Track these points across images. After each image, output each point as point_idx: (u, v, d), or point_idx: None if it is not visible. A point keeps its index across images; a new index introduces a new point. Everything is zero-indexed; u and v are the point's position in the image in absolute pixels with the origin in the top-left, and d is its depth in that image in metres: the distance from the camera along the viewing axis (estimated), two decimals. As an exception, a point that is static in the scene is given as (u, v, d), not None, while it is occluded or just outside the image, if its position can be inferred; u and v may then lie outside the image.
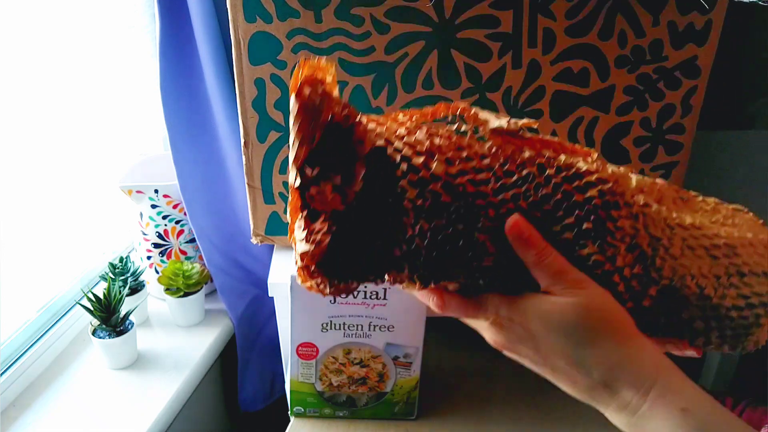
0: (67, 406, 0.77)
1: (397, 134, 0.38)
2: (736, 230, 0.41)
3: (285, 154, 0.73)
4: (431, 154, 0.37)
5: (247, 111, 0.70)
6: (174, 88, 0.81)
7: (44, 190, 0.85)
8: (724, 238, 0.40)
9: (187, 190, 0.86)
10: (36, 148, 0.82)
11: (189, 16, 0.77)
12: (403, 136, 0.38)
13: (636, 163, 0.72)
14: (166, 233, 0.91)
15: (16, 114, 0.78)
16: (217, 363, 0.95)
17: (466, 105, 0.41)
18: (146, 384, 0.81)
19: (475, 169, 0.38)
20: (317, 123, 0.35)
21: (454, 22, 0.65)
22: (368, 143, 0.36)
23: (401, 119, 0.41)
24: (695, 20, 0.64)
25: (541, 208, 0.38)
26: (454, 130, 0.40)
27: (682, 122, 0.70)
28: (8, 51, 0.75)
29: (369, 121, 0.38)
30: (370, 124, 0.38)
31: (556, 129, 0.70)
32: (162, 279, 0.89)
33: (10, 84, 0.76)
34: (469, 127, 0.40)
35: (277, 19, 0.65)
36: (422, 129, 0.39)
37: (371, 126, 0.38)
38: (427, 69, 0.67)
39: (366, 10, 0.64)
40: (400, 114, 0.42)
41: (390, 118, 0.41)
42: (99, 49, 0.88)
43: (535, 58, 0.66)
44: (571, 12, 0.64)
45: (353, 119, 0.36)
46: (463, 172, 0.37)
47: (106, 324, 0.80)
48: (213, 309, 0.97)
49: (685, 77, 0.67)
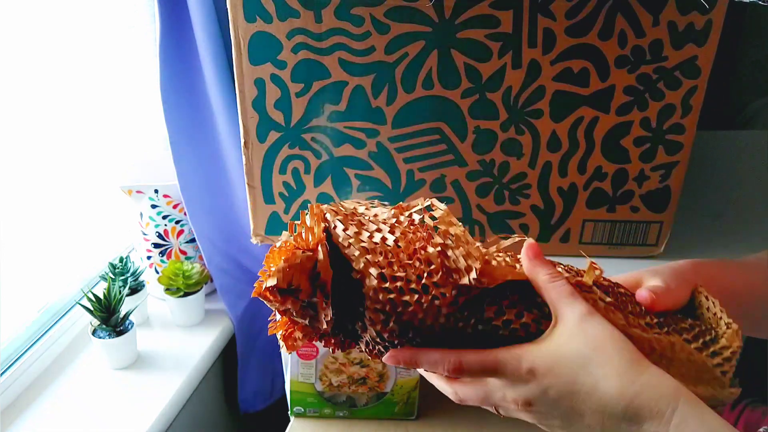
0: (67, 406, 0.77)
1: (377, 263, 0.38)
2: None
3: (285, 154, 0.73)
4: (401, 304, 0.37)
5: (247, 111, 0.70)
6: (174, 88, 0.81)
7: (45, 190, 0.85)
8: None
9: (187, 190, 0.86)
10: (36, 148, 0.82)
11: (189, 16, 0.77)
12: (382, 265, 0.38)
13: (636, 163, 0.72)
14: (166, 233, 0.91)
15: (17, 114, 0.78)
16: (217, 363, 0.95)
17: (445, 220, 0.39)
18: (146, 384, 0.81)
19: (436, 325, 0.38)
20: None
21: (454, 22, 0.65)
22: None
23: (376, 229, 0.40)
24: (695, 20, 0.64)
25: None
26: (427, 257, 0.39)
27: (682, 122, 0.70)
28: (9, 51, 0.75)
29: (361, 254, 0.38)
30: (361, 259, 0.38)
31: (556, 129, 0.70)
32: (162, 279, 0.89)
33: (11, 84, 0.76)
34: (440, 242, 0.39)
35: (277, 19, 0.65)
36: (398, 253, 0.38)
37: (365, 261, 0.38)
38: (427, 69, 0.67)
39: (366, 10, 0.64)
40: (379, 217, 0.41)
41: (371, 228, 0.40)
42: (99, 49, 0.88)
43: (535, 58, 0.66)
44: (571, 12, 0.64)
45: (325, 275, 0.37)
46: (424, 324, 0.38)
47: (106, 324, 0.80)
48: (213, 309, 0.97)
49: (685, 77, 0.67)
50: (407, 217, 0.41)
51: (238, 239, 0.93)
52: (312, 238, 0.38)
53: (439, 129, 0.70)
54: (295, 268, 0.37)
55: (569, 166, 0.72)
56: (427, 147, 0.72)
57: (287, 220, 0.77)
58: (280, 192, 0.75)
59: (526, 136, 0.70)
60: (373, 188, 0.74)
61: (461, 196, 0.75)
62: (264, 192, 0.75)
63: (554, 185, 0.74)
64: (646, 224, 0.76)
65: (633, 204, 0.75)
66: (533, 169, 0.73)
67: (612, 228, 0.76)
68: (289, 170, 0.74)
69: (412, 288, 0.37)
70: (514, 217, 0.76)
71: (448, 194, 0.74)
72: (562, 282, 0.38)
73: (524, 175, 0.73)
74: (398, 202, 0.41)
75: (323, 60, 0.67)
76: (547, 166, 0.72)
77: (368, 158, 0.72)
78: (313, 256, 0.37)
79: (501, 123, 0.70)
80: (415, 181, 0.74)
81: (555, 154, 0.72)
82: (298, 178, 0.74)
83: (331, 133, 0.71)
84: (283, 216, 0.77)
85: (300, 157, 0.73)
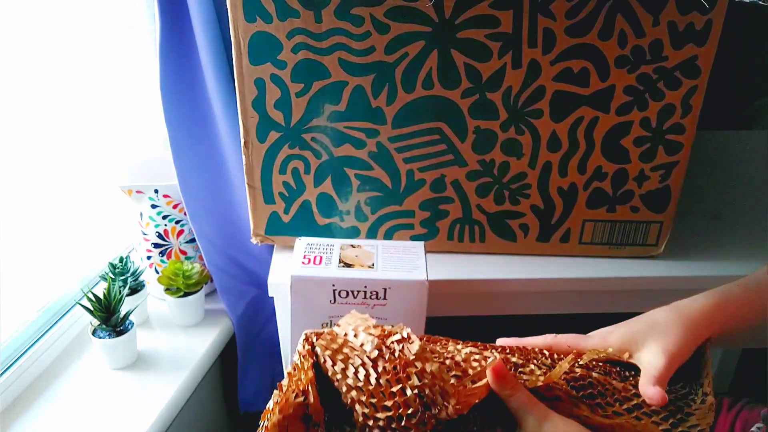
0: (67, 406, 0.77)
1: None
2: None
3: (285, 154, 0.73)
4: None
5: (247, 111, 0.70)
6: (174, 88, 0.81)
7: (44, 190, 0.85)
8: None
9: (187, 190, 0.86)
10: (36, 148, 0.82)
11: (189, 16, 0.77)
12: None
13: (636, 163, 0.72)
14: (166, 233, 0.91)
15: (17, 114, 0.78)
16: (217, 363, 0.95)
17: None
18: (146, 384, 0.81)
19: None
20: None
21: (454, 22, 0.65)
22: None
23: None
24: (695, 20, 0.64)
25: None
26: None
27: (682, 122, 0.70)
28: (9, 51, 0.75)
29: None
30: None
31: (556, 129, 0.70)
32: (162, 279, 0.89)
33: (11, 84, 0.76)
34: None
35: (277, 19, 0.65)
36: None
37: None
38: (427, 69, 0.67)
39: (366, 10, 0.64)
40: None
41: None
42: (99, 49, 0.88)
43: (535, 58, 0.66)
44: (571, 12, 0.64)
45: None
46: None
47: (106, 324, 0.80)
48: (213, 309, 0.97)
49: (685, 77, 0.67)
50: (388, 348, 0.44)
51: (238, 239, 0.93)
52: (304, 376, 0.43)
53: (439, 129, 0.70)
54: (289, 417, 0.42)
55: (569, 166, 0.72)
56: (427, 147, 0.72)
57: (287, 220, 0.77)
58: (280, 192, 0.75)
59: (526, 136, 0.70)
60: (373, 188, 0.74)
61: (461, 196, 0.75)
62: (264, 192, 0.75)
63: (554, 185, 0.74)
64: (646, 224, 0.76)
65: (633, 204, 0.75)
66: (533, 169, 0.73)
67: (612, 228, 0.76)
68: (289, 170, 0.74)
69: (393, 427, 0.42)
70: (514, 217, 0.76)
71: (448, 194, 0.74)
72: (520, 394, 0.44)
73: (524, 175, 0.73)
74: (398, 202, 0.41)
75: (323, 60, 0.67)
76: (547, 166, 0.72)
77: (368, 158, 0.72)
78: (305, 402, 0.42)
79: (501, 123, 0.70)
80: (415, 181, 0.74)
81: (555, 154, 0.72)
82: (298, 178, 0.74)
83: (331, 133, 0.71)
84: (283, 216, 0.77)
85: (300, 157, 0.73)
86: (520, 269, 0.76)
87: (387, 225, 0.77)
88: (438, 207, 0.75)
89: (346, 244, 0.70)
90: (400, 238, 0.78)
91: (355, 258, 0.68)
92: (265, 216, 0.77)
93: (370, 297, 0.68)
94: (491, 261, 0.78)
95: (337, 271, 0.66)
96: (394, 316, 0.69)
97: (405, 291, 0.65)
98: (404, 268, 0.66)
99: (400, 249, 0.69)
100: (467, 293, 0.77)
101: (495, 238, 0.77)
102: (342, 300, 0.67)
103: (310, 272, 0.65)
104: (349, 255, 0.68)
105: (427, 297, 0.65)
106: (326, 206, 0.76)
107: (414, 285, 0.65)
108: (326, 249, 0.69)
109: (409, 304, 0.67)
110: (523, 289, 0.76)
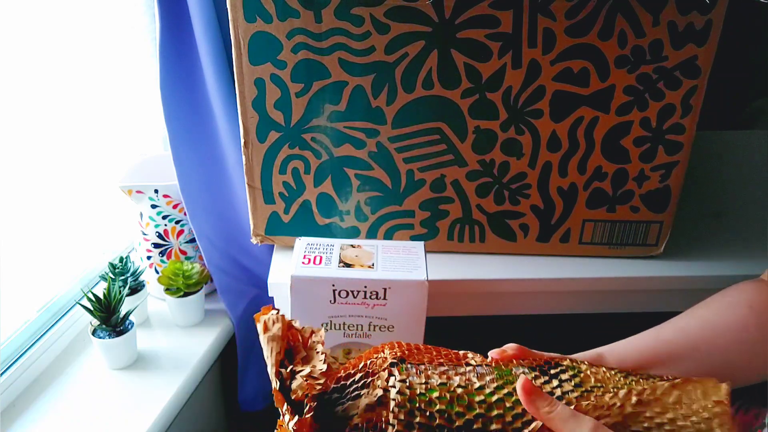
0: (67, 406, 0.77)
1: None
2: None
3: (285, 154, 0.73)
4: None
5: (247, 111, 0.70)
6: (174, 88, 0.81)
7: (44, 189, 0.85)
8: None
9: (187, 190, 0.86)
10: (36, 147, 0.82)
11: (189, 16, 0.77)
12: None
13: (636, 163, 0.72)
14: (166, 233, 0.91)
15: (17, 114, 0.78)
16: (217, 363, 0.95)
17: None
18: (146, 384, 0.81)
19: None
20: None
21: (454, 22, 0.65)
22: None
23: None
24: (695, 20, 0.64)
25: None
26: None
27: (682, 122, 0.70)
28: (8, 51, 0.75)
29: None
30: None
31: (556, 129, 0.70)
32: (162, 279, 0.89)
33: (11, 84, 0.76)
34: None
35: (277, 19, 0.65)
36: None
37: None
38: (427, 69, 0.67)
39: (366, 10, 0.64)
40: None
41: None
42: (99, 49, 0.88)
43: (535, 58, 0.66)
44: (571, 12, 0.64)
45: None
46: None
47: (106, 324, 0.80)
48: (213, 309, 0.97)
49: (685, 77, 0.67)
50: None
51: (238, 239, 0.93)
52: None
53: (439, 129, 0.70)
54: None
55: (569, 166, 0.72)
56: (427, 147, 0.72)
57: (287, 220, 0.77)
58: (280, 192, 0.75)
59: (526, 136, 0.70)
60: (373, 188, 0.74)
61: (461, 196, 0.75)
62: (264, 192, 0.75)
63: (554, 185, 0.74)
64: (646, 224, 0.76)
65: (633, 204, 0.75)
66: (533, 169, 0.73)
67: (612, 228, 0.76)
68: (289, 170, 0.74)
69: None
70: (514, 217, 0.76)
71: (448, 194, 0.74)
72: (560, 408, 0.40)
73: (524, 175, 0.73)
74: (398, 202, 0.41)
75: (323, 60, 0.67)
76: (547, 166, 0.72)
77: (368, 158, 0.72)
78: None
79: (501, 123, 0.70)
80: (415, 181, 0.74)
81: (555, 154, 0.72)
82: (298, 178, 0.74)
83: (331, 133, 0.71)
84: (283, 216, 0.77)
85: (300, 157, 0.73)
86: (520, 269, 0.76)
87: (387, 225, 0.77)
88: (438, 207, 0.75)
89: (346, 244, 0.70)
90: (400, 238, 0.78)
91: (355, 258, 0.68)
92: (265, 216, 0.77)
93: (370, 297, 0.68)
94: (491, 261, 0.78)
95: (337, 271, 0.66)
96: (393, 316, 0.69)
97: (405, 291, 0.65)
98: (404, 268, 0.66)
99: (400, 249, 0.69)
100: (467, 293, 0.77)
101: (495, 238, 0.77)
102: (342, 300, 0.67)
103: (310, 272, 0.65)
104: (349, 255, 0.68)
105: (427, 297, 0.65)
106: (326, 206, 0.76)
107: (414, 285, 0.65)
108: (326, 249, 0.69)
109: (409, 304, 0.67)
110: (523, 289, 0.76)
